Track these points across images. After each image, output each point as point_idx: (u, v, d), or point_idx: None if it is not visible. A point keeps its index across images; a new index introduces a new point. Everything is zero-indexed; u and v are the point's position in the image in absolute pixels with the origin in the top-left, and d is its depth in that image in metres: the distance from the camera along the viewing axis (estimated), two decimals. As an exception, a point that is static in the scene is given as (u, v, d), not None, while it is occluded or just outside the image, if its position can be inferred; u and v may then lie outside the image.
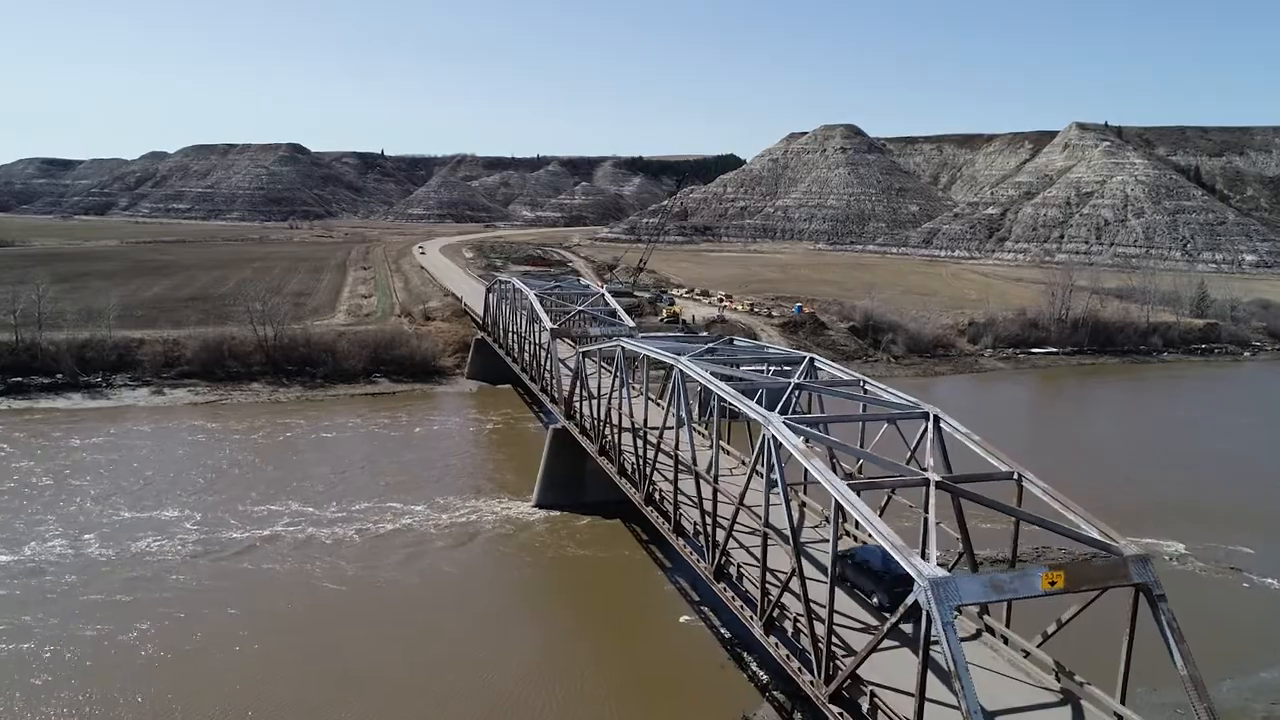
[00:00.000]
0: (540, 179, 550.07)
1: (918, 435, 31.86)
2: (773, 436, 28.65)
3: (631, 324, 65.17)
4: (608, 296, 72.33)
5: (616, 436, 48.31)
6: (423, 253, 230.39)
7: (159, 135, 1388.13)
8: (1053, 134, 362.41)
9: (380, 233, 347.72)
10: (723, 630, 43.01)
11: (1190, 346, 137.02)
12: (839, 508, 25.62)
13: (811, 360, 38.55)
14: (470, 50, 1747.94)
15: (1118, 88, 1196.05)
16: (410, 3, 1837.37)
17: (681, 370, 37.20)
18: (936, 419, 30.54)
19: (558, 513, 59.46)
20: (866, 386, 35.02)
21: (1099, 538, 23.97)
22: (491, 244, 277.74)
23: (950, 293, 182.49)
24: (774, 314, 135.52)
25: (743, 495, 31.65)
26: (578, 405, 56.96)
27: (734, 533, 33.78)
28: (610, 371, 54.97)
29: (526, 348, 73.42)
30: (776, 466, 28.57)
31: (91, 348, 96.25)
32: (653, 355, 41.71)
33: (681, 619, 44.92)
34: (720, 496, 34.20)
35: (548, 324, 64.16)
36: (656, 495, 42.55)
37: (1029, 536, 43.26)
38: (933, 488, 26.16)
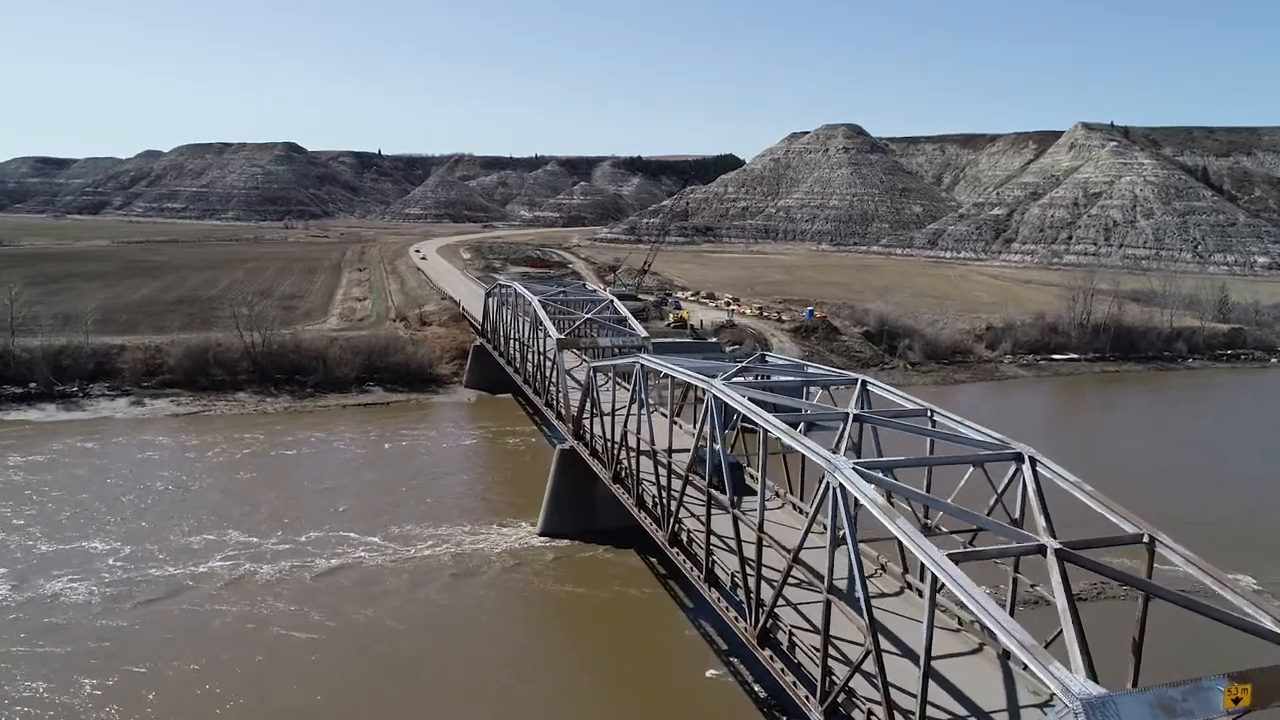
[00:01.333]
0: (538, 179, 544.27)
1: (1005, 480, 26.68)
2: (840, 486, 23.54)
3: (644, 333, 60.05)
4: (617, 304, 67.21)
5: (634, 462, 43.12)
6: (424, 259, 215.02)
7: (154, 134, 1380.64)
8: (1057, 134, 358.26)
9: (377, 233, 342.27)
10: (757, 688, 37.92)
11: (1215, 352, 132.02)
12: (935, 581, 20.47)
13: (864, 384, 33.39)
14: (468, 50, 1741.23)
15: (1118, 88, 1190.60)
16: (408, 2, 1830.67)
17: (716, 396, 32.03)
18: (1034, 463, 25.38)
19: (565, 542, 54.30)
20: (936, 417, 29.90)
21: (1274, 628, 18.90)
22: (490, 245, 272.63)
23: (961, 295, 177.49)
24: (784, 318, 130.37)
25: (798, 550, 26.51)
26: (587, 424, 51.78)
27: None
28: (623, 385, 49.97)
29: (530, 357, 68.28)
30: (846, 523, 23.45)
31: (68, 355, 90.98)
32: (680, 377, 36.43)
33: (709, 673, 39.79)
34: (766, 543, 29.00)
35: (553, 333, 58.96)
36: (684, 536, 37.35)
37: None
38: (1053, 558, 20.95)
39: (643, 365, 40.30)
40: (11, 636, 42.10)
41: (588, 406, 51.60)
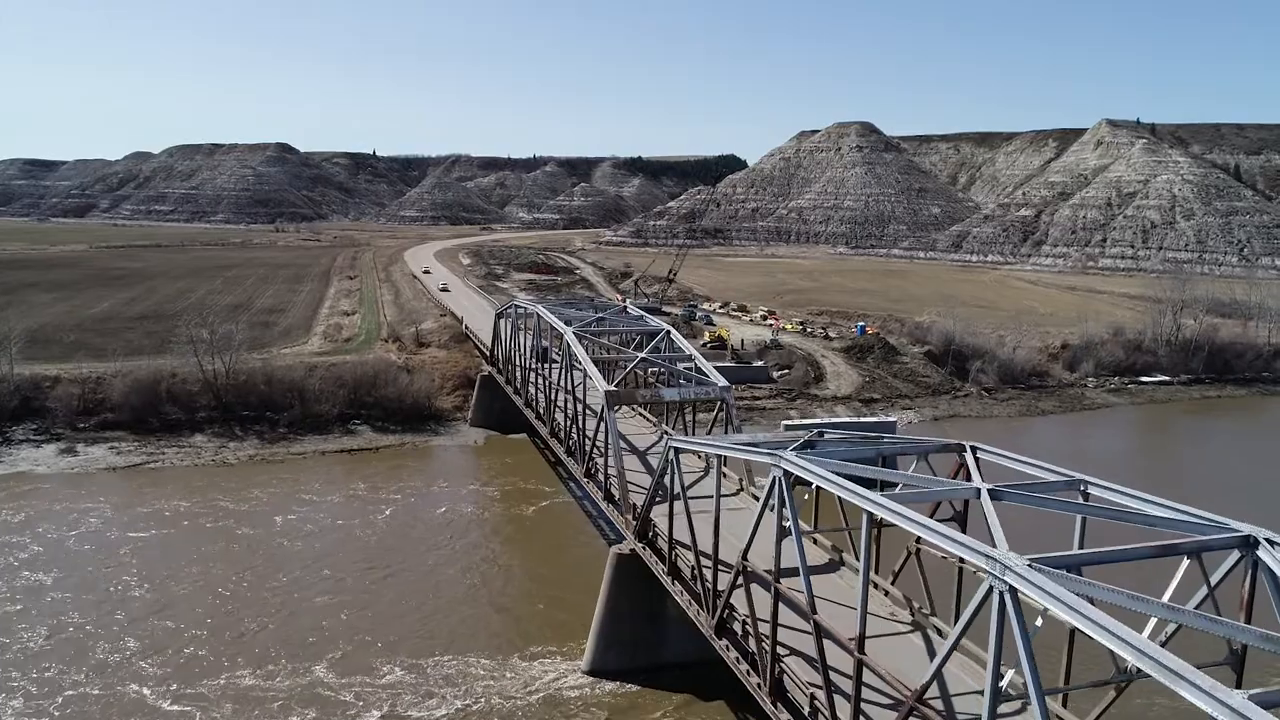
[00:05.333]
0: (537, 180, 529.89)
1: None
2: None
3: (723, 381, 44.10)
4: (676, 337, 50.79)
5: (751, 603, 27.13)
6: (440, 283, 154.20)
7: (144, 136, 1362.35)
8: (1078, 131, 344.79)
9: (371, 236, 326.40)
10: None
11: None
12: None
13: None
14: (463, 50, 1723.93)
15: (1114, 85, 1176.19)
16: (402, 2, 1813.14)
17: (1014, 588, 16.04)
18: None
19: (622, 685, 38.17)
20: None
21: None
22: (490, 249, 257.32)
23: (1012, 305, 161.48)
24: (831, 335, 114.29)
25: None
26: (660, 521, 35.84)
27: None
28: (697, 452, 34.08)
29: (563, 404, 52.01)
30: None
31: (-12, 389, 74.70)
32: (948, 546, 19.03)
33: None
34: None
35: (601, 383, 42.70)
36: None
37: None
38: None
39: (786, 471, 24.20)
40: None
41: (658, 492, 35.63)
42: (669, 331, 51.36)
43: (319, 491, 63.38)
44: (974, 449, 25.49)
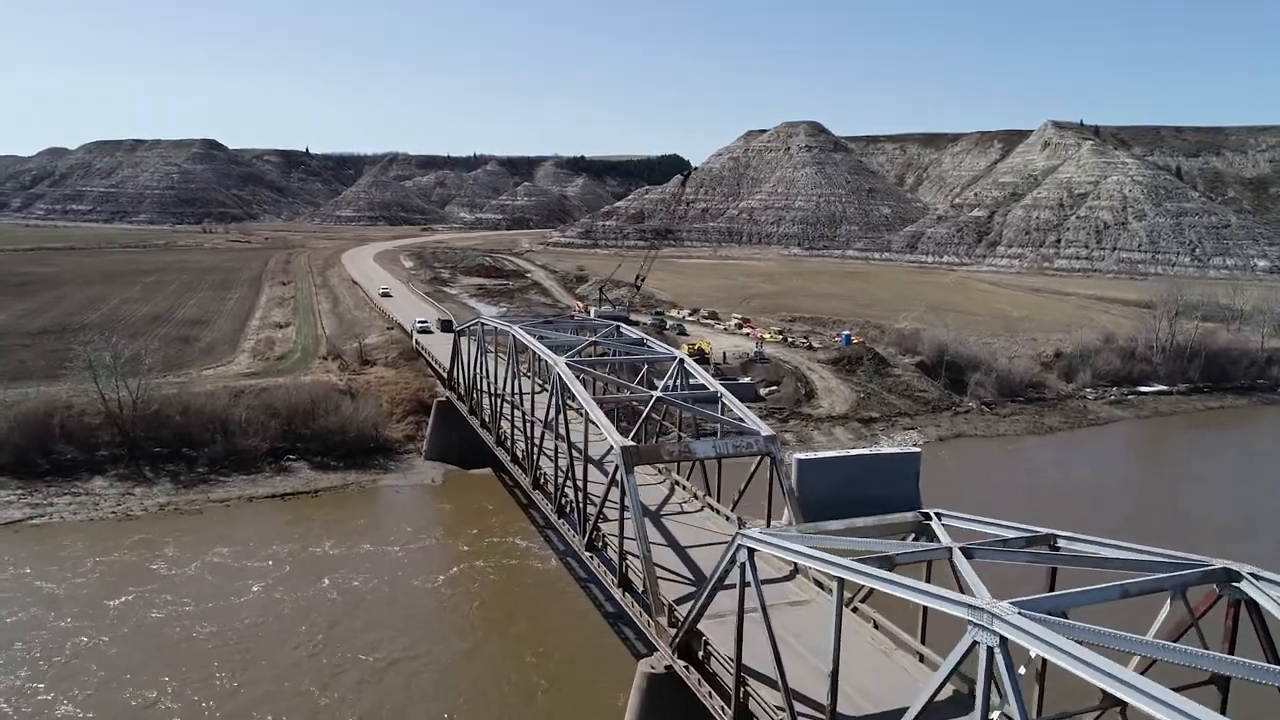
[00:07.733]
0: (479, 179, 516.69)
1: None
2: None
3: (766, 430, 34.80)
4: (690, 365, 41.00)
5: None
6: (418, 320, 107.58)
7: (61, 131, 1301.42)
8: (1023, 133, 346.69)
9: (305, 237, 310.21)
10: None
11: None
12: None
13: None
14: (399, 46, 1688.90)
15: (1053, 87, 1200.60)
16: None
17: None
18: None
19: None
20: None
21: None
22: (434, 250, 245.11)
23: (980, 308, 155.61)
24: (815, 346, 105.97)
25: None
26: (712, 634, 26.26)
27: None
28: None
29: (551, 453, 41.91)
30: None
31: None
32: None
33: None
34: None
35: (616, 439, 32.78)
36: None
37: None
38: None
39: (1002, 638, 14.92)
40: None
41: (712, 595, 26.02)
42: (682, 360, 41.72)
43: (253, 546, 52.28)
44: (1253, 578, 16.45)
